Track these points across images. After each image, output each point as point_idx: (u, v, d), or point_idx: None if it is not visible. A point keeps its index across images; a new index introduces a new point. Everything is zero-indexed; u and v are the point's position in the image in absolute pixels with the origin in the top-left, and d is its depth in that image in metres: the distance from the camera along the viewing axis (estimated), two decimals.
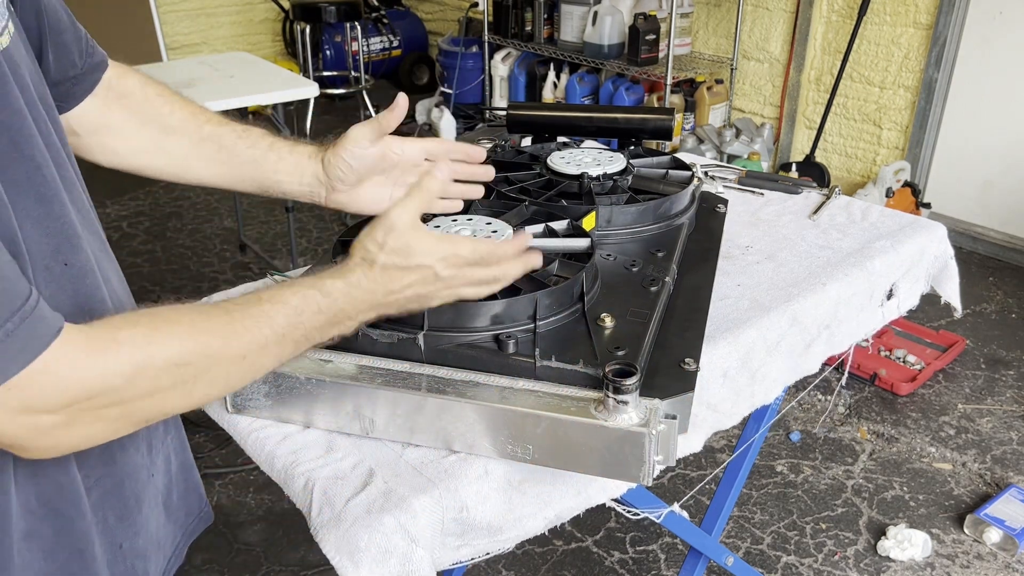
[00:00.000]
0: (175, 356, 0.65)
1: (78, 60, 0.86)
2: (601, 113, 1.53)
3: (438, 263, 0.82)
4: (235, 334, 0.69)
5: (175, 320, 0.66)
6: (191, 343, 0.66)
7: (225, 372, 0.69)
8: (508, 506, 0.90)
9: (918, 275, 1.44)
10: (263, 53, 5.95)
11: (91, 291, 0.73)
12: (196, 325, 0.67)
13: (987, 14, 3.67)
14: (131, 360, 0.62)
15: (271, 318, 0.72)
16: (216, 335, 0.68)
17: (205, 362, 0.67)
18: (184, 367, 0.65)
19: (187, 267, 3.78)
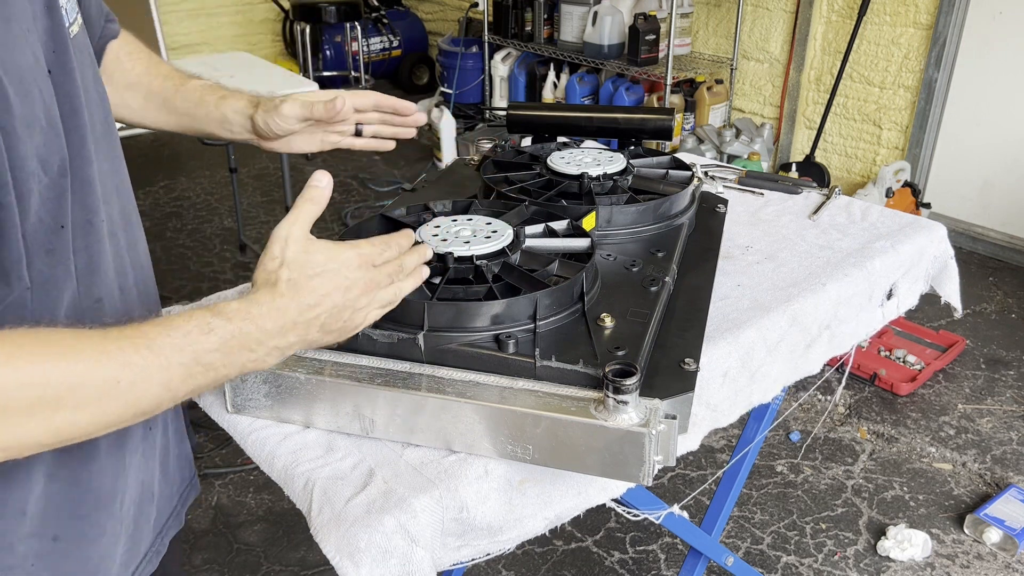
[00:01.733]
0: (29, 376, 0.60)
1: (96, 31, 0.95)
2: (601, 113, 1.53)
3: (344, 268, 0.78)
4: (106, 354, 0.64)
5: (43, 340, 0.63)
6: (50, 364, 0.61)
7: (95, 396, 0.63)
8: (508, 506, 0.90)
9: (918, 275, 1.44)
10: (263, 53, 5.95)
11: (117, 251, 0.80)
12: (63, 343, 0.63)
13: (987, 14, 3.67)
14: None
15: (151, 339, 0.66)
16: (83, 356, 0.63)
17: (68, 383, 0.61)
18: (41, 387, 0.60)
19: (187, 267, 3.78)
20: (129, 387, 0.64)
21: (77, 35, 0.76)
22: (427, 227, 1.05)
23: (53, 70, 0.70)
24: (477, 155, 1.50)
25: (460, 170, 1.49)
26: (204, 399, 1.03)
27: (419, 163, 4.97)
